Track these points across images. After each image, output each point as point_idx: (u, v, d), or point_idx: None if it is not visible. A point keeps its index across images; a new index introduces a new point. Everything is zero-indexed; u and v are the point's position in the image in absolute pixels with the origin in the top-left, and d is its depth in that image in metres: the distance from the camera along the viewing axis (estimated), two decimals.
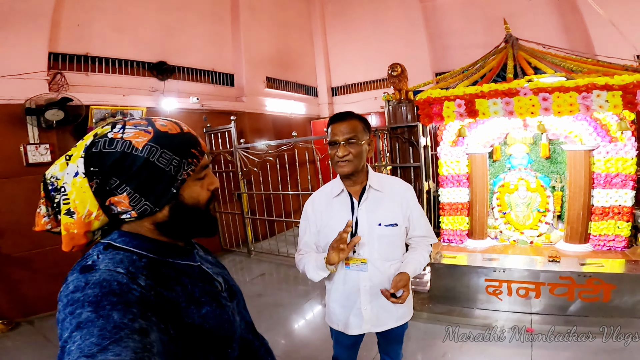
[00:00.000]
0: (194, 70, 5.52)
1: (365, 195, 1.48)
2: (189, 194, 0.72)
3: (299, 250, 1.58)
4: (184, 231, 0.76)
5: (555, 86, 2.73)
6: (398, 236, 1.51)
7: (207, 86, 5.69)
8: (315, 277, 1.45)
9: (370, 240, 1.46)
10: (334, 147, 1.42)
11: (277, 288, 4.21)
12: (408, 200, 1.54)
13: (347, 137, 1.39)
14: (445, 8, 6.68)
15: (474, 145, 3.64)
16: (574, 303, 2.86)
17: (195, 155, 0.73)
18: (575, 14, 5.59)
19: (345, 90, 7.67)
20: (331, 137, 1.43)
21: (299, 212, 6.62)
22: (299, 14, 7.52)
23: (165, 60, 5.03)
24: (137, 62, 4.80)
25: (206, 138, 5.48)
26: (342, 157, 1.40)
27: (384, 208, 1.49)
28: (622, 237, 3.35)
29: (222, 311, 0.74)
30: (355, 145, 1.41)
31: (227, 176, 5.41)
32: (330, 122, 1.45)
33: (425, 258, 1.54)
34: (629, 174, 3.21)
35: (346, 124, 1.41)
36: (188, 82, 5.41)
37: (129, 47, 4.70)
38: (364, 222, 1.47)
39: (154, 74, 4.97)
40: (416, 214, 1.55)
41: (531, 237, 3.80)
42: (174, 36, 5.22)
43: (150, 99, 4.85)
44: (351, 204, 1.50)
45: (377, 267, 1.47)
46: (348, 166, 1.42)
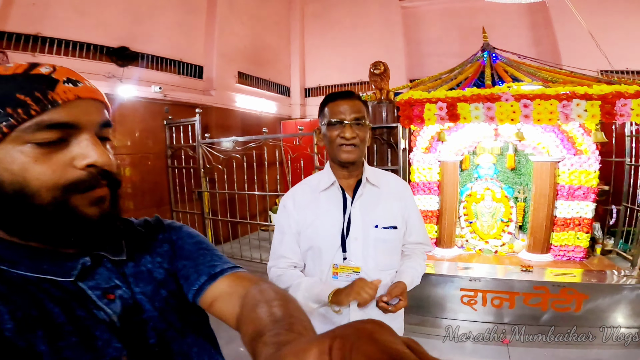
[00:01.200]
0: (159, 59, 5.15)
1: (360, 190, 1.24)
2: (3, 166, 0.46)
3: (275, 260, 1.28)
4: (13, 228, 0.49)
5: (537, 93, 2.75)
6: (397, 241, 1.29)
7: (173, 76, 5.33)
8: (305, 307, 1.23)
9: (365, 244, 1.22)
10: (337, 127, 1.17)
11: None
12: (406, 200, 1.32)
13: (355, 116, 1.16)
14: (424, 15, 6.79)
15: (447, 153, 3.63)
16: (546, 313, 2.86)
17: (24, 104, 0.46)
18: (548, 27, 5.92)
19: (318, 91, 7.54)
20: (333, 115, 1.18)
21: (265, 215, 6.38)
22: (278, 11, 7.33)
23: (127, 46, 4.66)
24: (95, 45, 4.41)
25: (166, 130, 5.10)
26: (350, 139, 1.16)
27: (381, 207, 1.26)
28: (581, 248, 3.46)
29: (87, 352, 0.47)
30: (363, 128, 1.19)
31: (188, 173, 5.04)
32: (330, 99, 1.21)
33: (423, 267, 1.34)
34: (590, 186, 3.32)
35: (353, 102, 1.18)
36: (151, 70, 5.03)
37: (89, 30, 4.32)
38: (358, 223, 1.22)
39: (113, 60, 4.59)
40: (414, 217, 1.34)
41: (495, 246, 3.84)
42: (142, 22, 4.86)
43: (104, 85, 4.43)
44: (343, 200, 1.24)
45: (371, 277, 1.22)
46: (354, 152, 1.18)
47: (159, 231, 0.69)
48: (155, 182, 5.04)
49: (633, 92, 2.62)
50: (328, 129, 1.19)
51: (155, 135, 5.06)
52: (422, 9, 6.81)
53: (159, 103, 5.05)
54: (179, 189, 5.08)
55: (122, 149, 4.71)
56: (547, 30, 5.90)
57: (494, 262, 3.53)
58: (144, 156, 4.95)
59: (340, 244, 1.21)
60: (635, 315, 2.74)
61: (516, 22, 6.17)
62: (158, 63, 5.13)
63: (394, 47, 6.55)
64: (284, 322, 0.44)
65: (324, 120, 1.21)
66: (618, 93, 2.57)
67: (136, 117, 4.84)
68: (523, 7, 6.17)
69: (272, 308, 0.48)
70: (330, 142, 1.20)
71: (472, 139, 3.56)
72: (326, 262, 1.22)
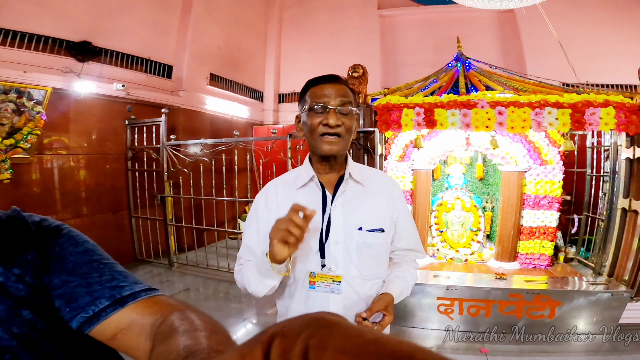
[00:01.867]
0: (125, 56, 4.87)
1: (342, 187, 1.08)
2: None
3: (239, 259, 1.15)
4: None
5: (511, 101, 2.78)
6: (384, 246, 1.12)
7: (139, 75, 5.05)
8: (259, 289, 1.01)
9: (346, 250, 1.06)
10: (319, 114, 1.01)
11: (204, 306, 3.66)
12: (395, 200, 1.16)
13: (342, 100, 1.01)
14: (401, 24, 6.95)
15: (420, 162, 3.63)
16: (521, 320, 2.85)
17: None
18: (516, 40, 6.22)
19: (292, 98, 7.46)
20: (316, 99, 1.01)
21: (234, 222, 6.14)
22: (256, 14, 7.23)
23: (90, 41, 4.40)
24: (55, 39, 4.13)
25: (128, 131, 4.79)
26: (334, 126, 1.00)
27: (366, 207, 1.10)
28: (546, 256, 3.54)
29: None
30: (349, 116, 1.03)
31: (150, 176, 4.75)
32: (312, 83, 1.05)
33: (413, 277, 1.18)
34: (555, 196, 3.42)
35: (339, 86, 1.03)
36: (115, 67, 4.75)
37: (49, 22, 4.05)
38: (339, 224, 1.06)
39: (72, 54, 4.29)
40: (404, 220, 1.17)
41: (465, 255, 3.86)
42: (109, 17, 4.62)
43: (60, 80, 4.12)
44: (323, 198, 1.08)
45: (354, 288, 1.06)
46: (338, 143, 1.02)
47: (18, 233, 0.51)
48: (113, 186, 4.71)
49: (601, 101, 2.72)
50: (309, 116, 1.03)
51: (115, 136, 4.75)
52: (399, 18, 6.97)
53: (121, 102, 4.76)
54: (139, 193, 4.77)
55: (77, 149, 4.37)
56: (515, 42, 6.22)
57: (465, 271, 3.53)
58: (102, 157, 4.62)
59: (319, 248, 1.05)
60: (605, 320, 2.80)
61: (487, 33, 6.47)
62: (123, 60, 4.86)
63: (370, 54, 6.60)
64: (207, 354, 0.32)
65: (304, 106, 1.05)
66: (587, 102, 2.66)
67: (94, 115, 4.51)
68: (494, 20, 6.52)
69: (194, 339, 0.36)
70: (310, 131, 1.03)
71: (444, 148, 3.58)
72: (301, 269, 1.06)
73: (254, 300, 3.73)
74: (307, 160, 1.13)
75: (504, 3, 3.50)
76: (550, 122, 2.67)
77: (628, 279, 2.86)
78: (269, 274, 0.95)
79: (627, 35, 5.80)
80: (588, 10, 5.80)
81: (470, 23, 6.40)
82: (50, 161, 4.12)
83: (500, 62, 4.50)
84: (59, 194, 4.17)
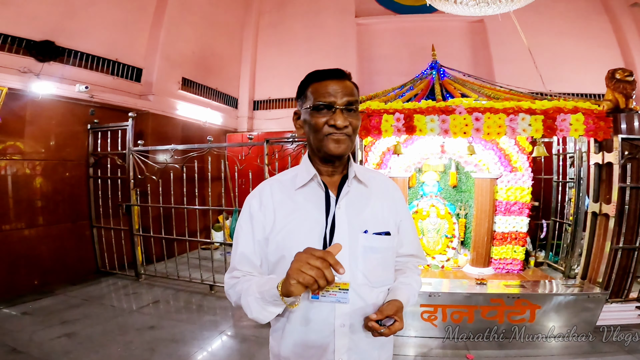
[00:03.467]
0: (91, 57, 4.62)
1: (345, 187, 1.01)
2: None
3: (232, 270, 1.04)
4: None
5: (487, 107, 2.85)
6: (390, 250, 1.04)
7: (105, 77, 4.79)
8: (262, 316, 0.91)
9: (352, 254, 0.98)
10: (325, 113, 0.95)
11: (175, 319, 3.44)
12: (398, 203, 1.10)
13: (348, 100, 0.95)
14: (377, 33, 7.08)
15: (397, 169, 3.65)
16: (503, 325, 2.87)
17: None
18: (485, 49, 6.51)
19: (268, 105, 7.37)
20: (320, 97, 0.95)
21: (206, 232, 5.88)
22: (233, 19, 7.12)
23: (53, 41, 4.15)
24: (14, 38, 3.87)
25: (90, 135, 4.50)
26: (342, 128, 0.94)
27: (371, 209, 1.03)
28: (518, 261, 3.64)
29: None
30: (356, 115, 0.97)
31: (114, 184, 4.47)
32: (315, 78, 0.98)
33: (419, 283, 1.11)
34: (525, 202, 3.54)
35: (344, 83, 0.96)
36: (79, 68, 4.48)
37: (7, 20, 3.80)
38: (344, 227, 0.98)
39: (32, 54, 4.01)
40: (407, 225, 1.11)
41: (442, 261, 3.89)
42: (75, 16, 4.37)
43: (17, 80, 3.84)
44: (326, 199, 1.00)
45: (361, 296, 0.98)
46: (345, 142, 0.96)
47: None
48: (73, 194, 4.40)
49: (571, 108, 2.86)
50: (313, 115, 0.95)
51: (76, 141, 4.45)
52: (375, 26, 7.11)
53: (83, 104, 4.48)
54: (102, 202, 4.49)
55: (33, 155, 4.05)
56: (485, 51, 6.53)
57: (442, 277, 3.55)
58: (60, 163, 4.31)
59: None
60: (582, 322, 2.87)
61: (458, 43, 6.73)
62: (88, 61, 4.61)
63: (347, 62, 6.65)
64: None
65: (307, 104, 0.98)
66: (558, 108, 2.78)
67: (53, 118, 4.22)
68: (465, 30, 6.81)
69: None
70: (315, 131, 0.96)
71: (421, 155, 3.62)
72: None
73: (230, 311, 3.56)
74: (306, 159, 1.05)
75: (483, 9, 3.67)
76: (524, 129, 2.76)
77: (602, 281, 2.97)
78: (275, 303, 0.86)
79: (588, 45, 6.22)
80: (551, 20, 6.19)
81: (443, 32, 6.66)
82: (4, 167, 3.79)
83: (470, 71, 4.68)
84: (12, 202, 3.85)
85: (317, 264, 0.76)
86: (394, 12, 7.08)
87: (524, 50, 4.14)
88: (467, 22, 6.63)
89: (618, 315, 2.99)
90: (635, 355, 2.57)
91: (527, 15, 4.36)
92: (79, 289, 4.07)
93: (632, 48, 6.10)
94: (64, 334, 2.99)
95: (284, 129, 6.74)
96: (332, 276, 0.77)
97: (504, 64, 6.15)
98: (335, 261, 0.77)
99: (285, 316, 1.00)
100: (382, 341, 1.00)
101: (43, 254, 4.06)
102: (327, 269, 0.76)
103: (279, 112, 7.16)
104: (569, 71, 6.02)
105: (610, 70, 3.05)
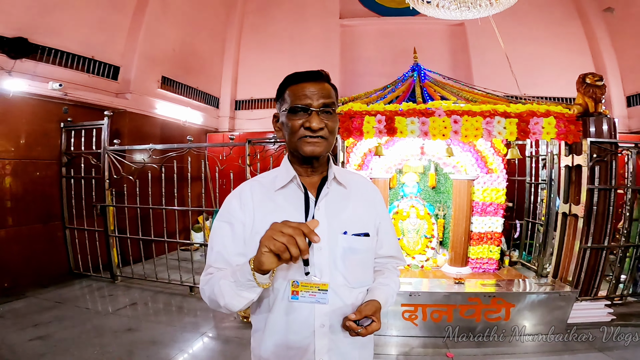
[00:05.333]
0: (65, 54, 4.47)
1: (325, 189, 1.02)
2: None
3: (208, 267, 1.01)
4: None
5: (465, 110, 2.91)
6: (370, 252, 1.06)
7: (80, 75, 4.64)
8: (235, 301, 0.88)
9: (332, 255, 0.99)
10: (301, 115, 0.96)
11: (154, 321, 3.37)
12: (377, 205, 1.11)
13: (324, 102, 0.96)
14: (361, 35, 7.11)
15: (378, 170, 3.69)
16: (480, 323, 2.93)
17: None
18: (464, 52, 6.64)
19: (250, 105, 7.30)
20: (297, 100, 0.96)
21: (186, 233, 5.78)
22: (216, 18, 7.00)
23: (26, 37, 4.00)
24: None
25: (63, 134, 4.36)
26: (317, 130, 0.94)
27: (350, 210, 1.04)
28: (493, 260, 3.73)
29: None
30: (333, 117, 0.98)
31: (89, 184, 4.33)
32: (292, 80, 0.99)
33: (397, 284, 1.13)
34: (500, 203, 3.63)
35: (321, 85, 0.97)
36: (54, 66, 4.33)
37: None
38: (324, 228, 0.98)
39: (5, 51, 3.90)
40: (386, 227, 1.13)
41: (421, 261, 3.95)
42: (50, 13, 4.22)
43: None
44: (305, 201, 1.01)
45: (340, 296, 0.99)
46: (321, 144, 0.97)
47: None
48: (44, 194, 4.25)
49: (543, 111, 2.95)
50: (289, 117, 0.97)
51: (48, 139, 4.30)
52: (359, 28, 7.15)
53: (57, 102, 4.34)
54: (75, 203, 4.34)
55: (2, 154, 3.89)
56: (464, 55, 6.66)
57: (421, 277, 3.61)
58: (31, 163, 4.15)
59: None
60: (554, 320, 2.96)
61: (439, 46, 6.85)
62: (63, 58, 4.45)
63: (330, 63, 6.67)
64: None
65: (284, 106, 0.99)
66: (531, 112, 2.87)
67: (24, 116, 4.07)
68: (445, 33, 6.93)
69: None
70: (291, 133, 0.97)
71: (401, 157, 3.67)
72: (282, 279, 0.96)
73: (211, 313, 3.50)
74: (286, 161, 1.06)
75: (463, 13, 3.76)
76: (499, 131, 2.83)
77: (572, 280, 3.08)
78: (249, 284, 0.84)
79: (562, 50, 6.44)
80: (526, 25, 6.35)
81: (424, 35, 6.76)
82: None
83: (450, 73, 4.78)
84: None
85: (290, 231, 0.75)
86: (377, 14, 7.13)
87: (502, 54, 4.25)
88: (448, 25, 6.75)
89: (588, 313, 3.10)
90: (606, 353, 2.65)
91: (504, 20, 4.48)
92: (51, 291, 3.94)
93: (604, 53, 6.34)
94: (37, 337, 2.89)
95: (266, 129, 6.70)
96: (304, 244, 0.75)
97: (482, 67, 6.30)
98: (310, 230, 0.76)
99: (264, 319, 1.00)
100: (362, 341, 1.01)
101: (13, 256, 3.90)
102: (300, 236, 0.75)
103: (261, 112, 7.11)
104: (543, 76, 6.21)
105: (581, 75, 3.16)
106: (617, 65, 6.32)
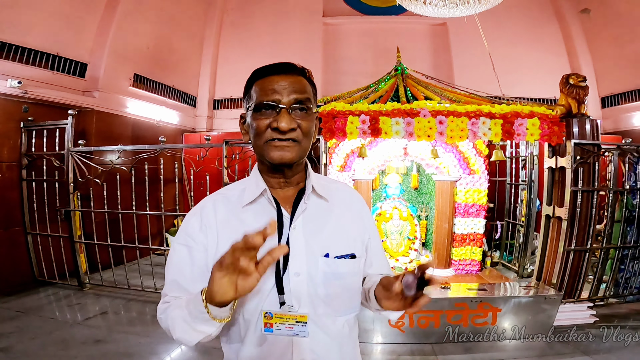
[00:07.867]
0: (27, 50, 4.17)
1: (302, 204, 0.86)
2: None
3: (164, 296, 0.88)
4: None
5: (450, 110, 2.84)
6: (357, 275, 0.89)
7: (43, 72, 4.34)
8: (187, 336, 0.75)
9: (311, 282, 0.83)
10: (268, 113, 0.79)
11: (127, 331, 3.16)
12: (364, 218, 0.96)
13: (296, 97, 0.79)
14: (344, 33, 7.01)
15: (361, 172, 3.60)
16: (467, 328, 2.87)
17: None
18: (446, 52, 6.63)
19: (229, 104, 7.08)
20: (263, 95, 0.79)
21: (160, 238, 5.52)
22: (194, 15, 6.73)
23: None
24: None
25: (23, 134, 4.06)
26: (287, 131, 0.78)
27: (332, 228, 0.88)
28: (476, 262, 3.70)
29: None
30: (307, 116, 0.81)
31: (52, 187, 4.06)
32: (260, 74, 0.83)
33: None
34: (482, 204, 3.60)
35: (293, 78, 0.81)
36: (13, 62, 4.03)
37: None
38: (301, 251, 0.83)
39: None
40: (375, 243, 0.98)
41: (405, 263, 3.87)
42: (10, 7, 3.93)
43: None
44: (278, 219, 0.84)
45: (322, 328, 0.84)
46: (292, 150, 0.80)
47: None
48: (3, 198, 3.95)
49: (528, 112, 2.91)
50: (254, 117, 0.80)
51: (7, 140, 4.00)
52: (342, 27, 7.05)
53: (16, 101, 4.04)
54: (37, 207, 4.05)
55: None
56: (446, 55, 6.65)
57: None
58: None
59: (275, 282, 0.81)
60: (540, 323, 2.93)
61: (421, 45, 6.82)
62: (24, 55, 4.15)
63: (312, 62, 6.48)
64: None
65: (249, 103, 0.83)
66: (516, 113, 2.83)
67: None
68: (428, 33, 6.91)
69: None
70: (256, 135, 0.81)
71: (384, 158, 3.59)
72: (253, 309, 0.81)
73: None
74: (255, 171, 0.89)
75: (451, 11, 3.74)
76: (485, 132, 2.78)
77: (556, 282, 3.06)
78: (203, 317, 0.69)
79: (539, 51, 6.51)
80: (504, 26, 6.38)
81: (407, 35, 6.73)
82: None
83: (432, 73, 4.74)
84: None
85: (238, 249, 0.61)
86: (360, 12, 7.05)
87: (483, 54, 4.24)
88: (430, 25, 6.75)
89: (572, 316, 3.09)
90: (592, 356, 2.64)
91: (484, 21, 4.46)
92: (13, 300, 3.68)
93: (579, 54, 6.46)
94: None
95: None
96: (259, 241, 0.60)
97: (463, 67, 6.32)
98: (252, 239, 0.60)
99: (236, 350, 0.84)
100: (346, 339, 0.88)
101: None
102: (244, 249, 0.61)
103: (240, 111, 6.89)
104: (521, 76, 6.27)
105: (564, 76, 3.13)
106: (593, 67, 6.44)
